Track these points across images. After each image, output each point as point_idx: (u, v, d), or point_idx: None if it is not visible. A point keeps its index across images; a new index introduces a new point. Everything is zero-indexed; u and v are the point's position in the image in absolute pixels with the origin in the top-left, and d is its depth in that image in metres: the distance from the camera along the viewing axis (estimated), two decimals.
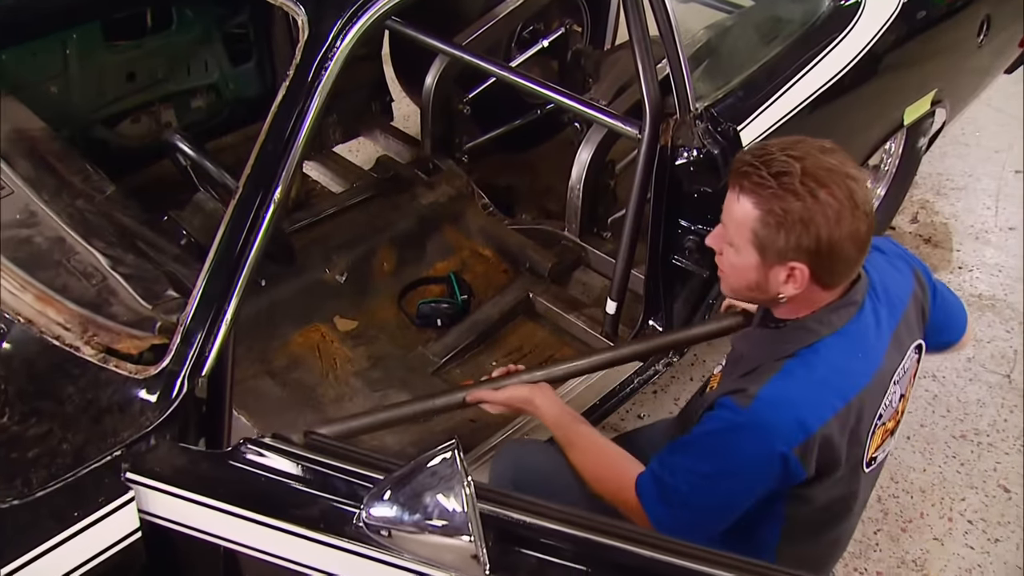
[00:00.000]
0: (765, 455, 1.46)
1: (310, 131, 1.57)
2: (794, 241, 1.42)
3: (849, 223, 1.40)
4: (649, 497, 1.55)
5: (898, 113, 2.68)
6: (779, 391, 1.48)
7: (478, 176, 3.14)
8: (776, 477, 1.48)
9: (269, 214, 1.54)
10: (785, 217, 1.41)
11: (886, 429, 1.64)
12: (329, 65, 1.59)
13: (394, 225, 2.82)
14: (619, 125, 2.30)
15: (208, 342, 1.49)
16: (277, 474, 1.37)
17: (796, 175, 1.40)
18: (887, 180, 3.10)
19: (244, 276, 1.53)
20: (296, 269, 2.63)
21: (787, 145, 1.47)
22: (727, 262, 1.57)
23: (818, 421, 1.46)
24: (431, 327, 2.66)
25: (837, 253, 1.43)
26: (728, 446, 1.50)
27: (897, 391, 1.63)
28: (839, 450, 1.51)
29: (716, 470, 1.50)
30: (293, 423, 2.30)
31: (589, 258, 2.84)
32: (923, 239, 3.46)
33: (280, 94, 1.57)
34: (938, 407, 2.82)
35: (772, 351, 1.56)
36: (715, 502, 1.53)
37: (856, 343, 1.54)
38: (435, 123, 3.11)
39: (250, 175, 1.54)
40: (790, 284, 1.48)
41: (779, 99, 2.25)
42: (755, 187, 1.43)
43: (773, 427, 1.45)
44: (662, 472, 1.55)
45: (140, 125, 2.91)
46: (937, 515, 2.52)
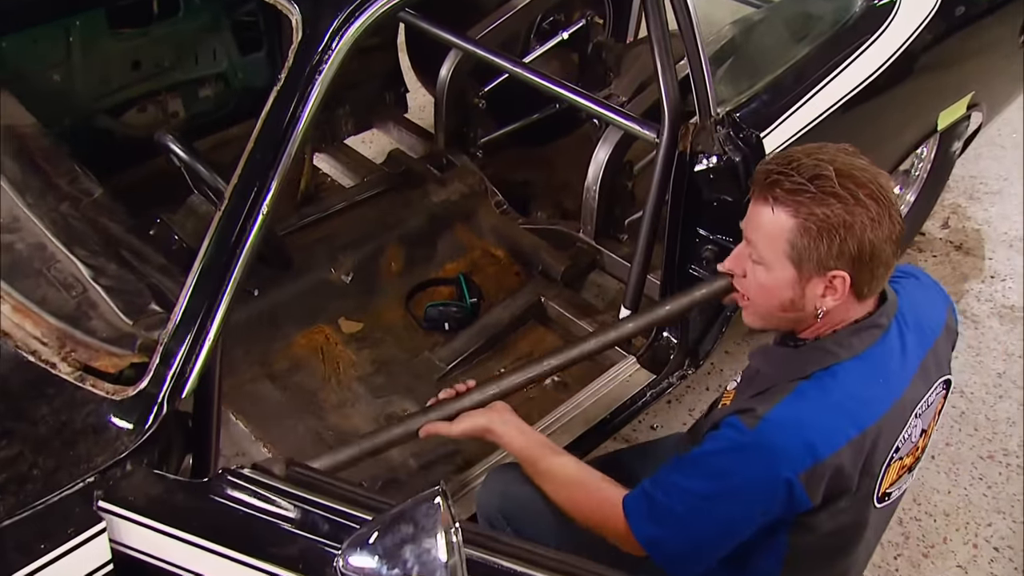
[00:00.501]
0: (769, 479, 1.38)
1: (301, 140, 1.48)
2: (836, 248, 1.35)
3: (888, 224, 1.35)
4: (637, 516, 1.47)
5: (932, 117, 2.56)
6: (789, 413, 1.40)
7: (493, 171, 3.06)
8: (779, 503, 1.40)
9: (256, 226, 1.46)
10: (827, 222, 1.33)
11: (903, 464, 1.54)
12: (324, 69, 1.49)
13: (403, 223, 2.73)
14: (636, 128, 2.20)
15: (189, 362, 1.41)
16: (256, 509, 1.29)
17: (832, 177, 1.34)
18: (917, 186, 2.97)
19: (229, 292, 1.45)
20: (300, 268, 2.56)
21: (811, 150, 1.41)
22: (754, 284, 1.48)
23: (829, 448, 1.38)
24: (439, 331, 2.57)
25: (878, 257, 1.36)
26: (730, 467, 1.41)
27: (918, 425, 1.54)
28: (849, 480, 1.42)
29: (715, 491, 1.42)
30: (293, 429, 2.25)
31: (604, 261, 2.75)
32: (954, 246, 3.32)
33: (270, 100, 1.48)
34: (965, 425, 2.71)
35: (787, 371, 1.47)
36: (712, 526, 1.44)
37: (877, 369, 1.45)
38: (449, 117, 3.02)
39: (237, 186, 1.45)
40: (829, 296, 1.40)
41: (805, 104, 2.13)
42: (790, 193, 1.36)
43: (780, 450, 1.38)
44: (654, 491, 1.46)
45: (146, 115, 2.84)
46: (961, 540, 2.41)
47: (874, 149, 2.58)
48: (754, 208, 1.43)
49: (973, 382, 2.83)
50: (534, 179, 3.20)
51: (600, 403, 2.30)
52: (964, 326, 3.03)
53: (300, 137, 1.47)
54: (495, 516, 1.78)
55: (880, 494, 1.52)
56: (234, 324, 2.36)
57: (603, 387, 2.33)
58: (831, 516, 1.47)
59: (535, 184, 3.18)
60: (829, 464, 1.38)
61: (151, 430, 1.37)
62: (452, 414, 1.67)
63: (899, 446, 1.49)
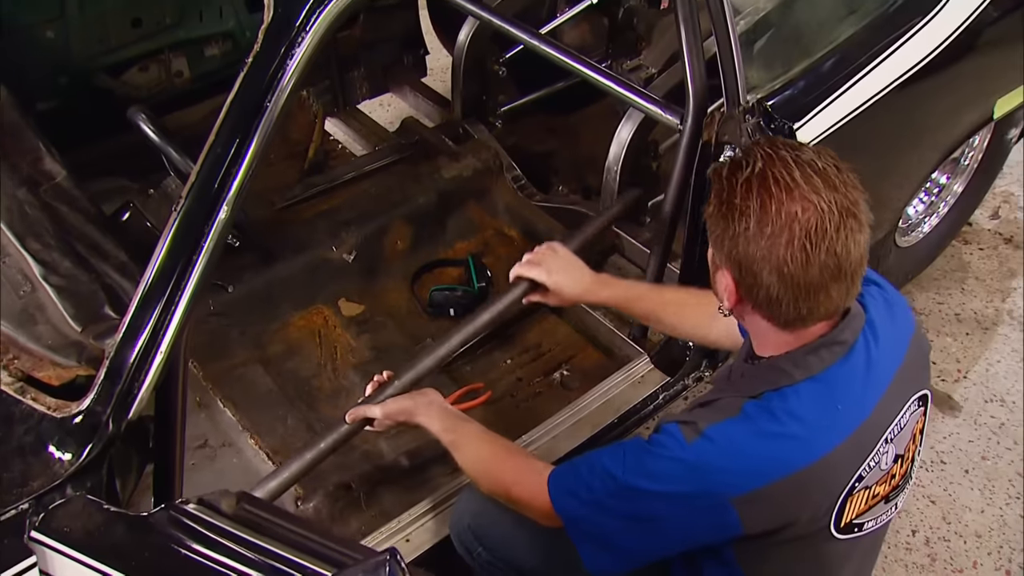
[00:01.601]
0: (698, 496, 1.30)
1: (267, 135, 1.33)
2: (718, 235, 1.26)
3: (785, 251, 1.20)
4: (558, 486, 1.43)
5: (988, 106, 2.34)
6: (730, 435, 1.29)
7: (514, 142, 2.90)
8: (708, 524, 1.31)
9: (215, 230, 1.32)
10: (718, 205, 1.25)
11: (873, 494, 1.38)
12: (296, 54, 1.34)
13: (411, 199, 2.58)
14: (659, 112, 2.02)
15: (137, 379, 1.28)
16: (197, 553, 1.17)
17: (753, 169, 1.23)
18: (966, 175, 2.75)
19: (187, 301, 1.32)
20: (301, 245, 2.44)
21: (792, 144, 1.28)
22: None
23: (767, 478, 1.27)
24: (443, 316, 2.43)
25: (760, 281, 1.23)
26: (660, 473, 1.32)
27: (890, 451, 1.37)
28: (794, 511, 1.31)
29: (638, 488, 1.33)
30: (282, 419, 2.14)
31: (624, 246, 2.58)
32: (1003, 238, 3.10)
33: (234, 88, 1.33)
34: (1003, 437, 2.52)
35: (739, 387, 1.36)
36: (628, 520, 1.37)
37: (836, 392, 1.30)
38: (467, 85, 2.86)
39: (195, 184, 1.31)
40: (725, 293, 1.31)
41: (847, 92, 1.93)
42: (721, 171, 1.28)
43: (714, 472, 1.28)
44: (580, 464, 1.43)
45: (148, 74, 2.72)
46: (993, 566, 2.25)
47: (919, 142, 2.40)
48: None
49: (1015, 390, 2.64)
50: (557, 151, 3.03)
51: (609, 405, 2.15)
52: (1010, 328, 2.83)
53: (264, 134, 1.31)
54: (466, 535, 1.72)
55: (844, 525, 1.37)
56: (229, 302, 2.31)
57: (613, 388, 2.18)
58: (779, 547, 1.36)
59: (558, 156, 3.01)
60: (767, 493, 1.27)
61: (93, 453, 1.25)
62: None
63: (863, 475, 1.34)
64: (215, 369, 2.21)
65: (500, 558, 1.68)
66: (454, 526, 1.74)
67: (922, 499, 2.38)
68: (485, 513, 1.68)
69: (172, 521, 1.20)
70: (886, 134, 2.16)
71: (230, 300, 2.30)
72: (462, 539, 1.72)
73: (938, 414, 2.59)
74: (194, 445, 2.06)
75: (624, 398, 2.17)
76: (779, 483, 1.27)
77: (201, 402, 2.15)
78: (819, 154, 1.24)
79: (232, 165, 1.31)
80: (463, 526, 1.71)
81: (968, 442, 2.51)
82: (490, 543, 1.68)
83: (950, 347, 2.78)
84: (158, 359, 1.30)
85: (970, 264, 3.03)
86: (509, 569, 1.69)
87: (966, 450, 2.49)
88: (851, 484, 1.33)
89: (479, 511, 1.69)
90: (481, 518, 1.68)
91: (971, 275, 3.00)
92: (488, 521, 1.67)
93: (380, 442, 2.08)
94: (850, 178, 1.24)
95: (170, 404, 1.40)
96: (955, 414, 2.58)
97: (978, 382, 2.68)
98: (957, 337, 2.81)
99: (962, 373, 2.70)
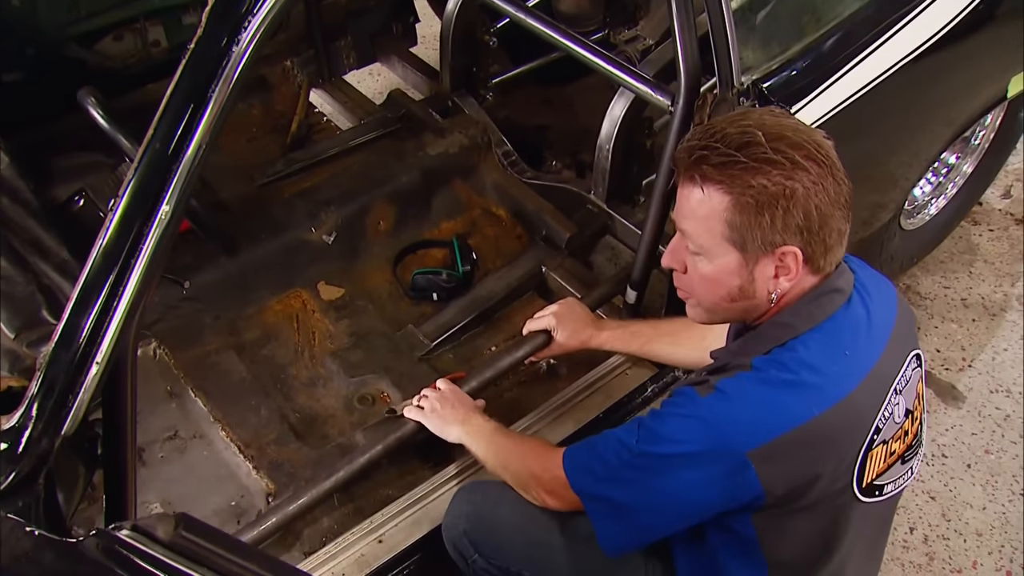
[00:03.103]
0: (714, 453, 1.27)
1: (214, 123, 1.23)
2: (780, 220, 1.22)
3: (833, 186, 1.23)
4: (573, 463, 1.44)
5: (1001, 84, 2.21)
6: (742, 388, 1.29)
7: (506, 114, 2.78)
8: (726, 485, 1.28)
9: (157, 225, 1.22)
10: (765, 193, 1.21)
11: (890, 451, 1.37)
12: (242, 39, 1.23)
13: (395, 178, 2.48)
14: (648, 92, 1.92)
15: (72, 391, 1.20)
16: None
17: (763, 143, 1.22)
18: (977, 155, 2.64)
19: (128, 302, 1.23)
20: (279, 225, 2.35)
21: (734, 118, 1.29)
22: (695, 278, 1.35)
23: (784, 426, 1.25)
24: (426, 300, 2.34)
25: (828, 224, 1.24)
26: (676, 433, 1.31)
27: (901, 403, 1.36)
28: (816, 465, 1.28)
29: (656, 453, 1.32)
30: (255, 410, 2.06)
31: (616, 227, 2.48)
32: (1014, 219, 2.98)
33: (175, 78, 1.22)
34: (1008, 431, 2.43)
35: (745, 351, 1.35)
36: (646, 487, 1.34)
37: (842, 338, 1.31)
38: (456, 55, 2.74)
39: (136, 175, 1.21)
40: (782, 277, 1.28)
41: (848, 73, 1.82)
42: (719, 168, 1.23)
43: (731, 423, 1.27)
44: (595, 441, 1.43)
45: (123, 44, 2.59)
46: (993, 566, 2.17)
47: (928, 122, 2.29)
48: (682, 192, 1.30)
49: (1021, 380, 2.54)
50: (551, 124, 2.92)
51: (595, 398, 2.06)
52: (1018, 314, 2.74)
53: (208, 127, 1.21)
54: (460, 540, 1.66)
55: (866, 485, 1.35)
56: (204, 286, 2.23)
57: (600, 379, 2.09)
58: (801, 516, 1.33)
59: (552, 130, 2.90)
60: (785, 444, 1.25)
61: (22, 474, 1.17)
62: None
63: (880, 426, 1.33)
64: (187, 356, 2.12)
65: (496, 566, 1.64)
66: (448, 531, 1.68)
67: (921, 495, 2.29)
68: (482, 519, 1.63)
69: (103, 549, 1.12)
70: (893, 114, 2.06)
71: (204, 283, 2.21)
72: (457, 545, 1.67)
73: (941, 405, 2.49)
74: (163, 436, 2.00)
75: (612, 389, 2.08)
76: (794, 433, 1.25)
77: (172, 391, 2.07)
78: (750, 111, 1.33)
79: (173, 160, 1.21)
80: (458, 532, 1.65)
81: (971, 435, 2.42)
82: (487, 550, 1.63)
83: (955, 334, 2.68)
84: (94, 370, 1.21)
85: (979, 246, 2.91)
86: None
87: (969, 443, 2.40)
88: (869, 436, 1.31)
89: (476, 517, 1.64)
90: (478, 524, 1.63)
91: (979, 258, 2.89)
92: (485, 528, 1.63)
93: (356, 435, 2.00)
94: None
95: (118, 409, 1.32)
96: (958, 405, 2.49)
97: (983, 371, 2.58)
98: (963, 324, 2.71)
99: (967, 362, 2.61)
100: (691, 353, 1.85)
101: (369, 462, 1.87)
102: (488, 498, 1.66)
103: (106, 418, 1.32)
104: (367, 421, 2.04)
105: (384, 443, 1.87)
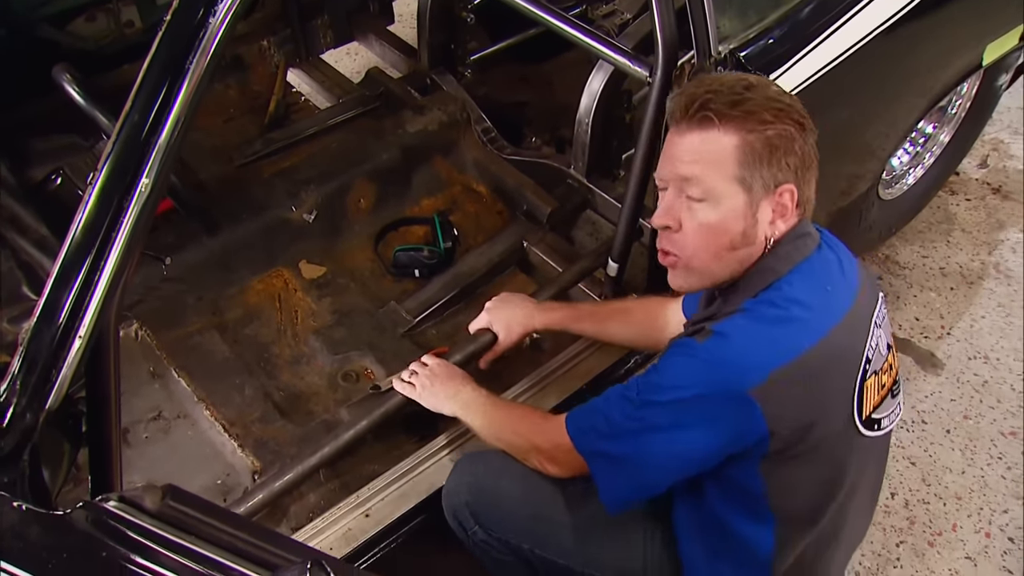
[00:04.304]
0: (717, 394, 1.29)
1: (193, 95, 1.22)
2: (783, 159, 1.30)
3: (812, 130, 1.33)
4: (576, 427, 1.45)
5: (977, 52, 2.23)
6: (738, 327, 1.32)
7: (485, 91, 2.78)
8: (731, 425, 1.30)
9: (137, 199, 1.21)
10: (773, 130, 1.29)
11: (880, 383, 1.42)
12: (219, 9, 1.22)
13: (374, 156, 2.47)
14: (627, 64, 1.91)
15: (55, 365, 1.19)
16: (118, 555, 1.09)
17: (760, 86, 1.32)
18: (954, 124, 2.65)
19: (110, 276, 1.22)
20: (259, 205, 2.34)
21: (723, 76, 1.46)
22: (692, 231, 1.36)
23: (779, 360, 1.28)
24: (408, 277, 2.34)
25: (811, 168, 1.34)
26: (678, 380, 1.33)
27: (882, 336, 1.43)
28: (814, 398, 1.32)
29: (661, 400, 1.34)
30: (239, 389, 2.06)
31: (596, 201, 2.48)
32: (991, 188, 3.01)
33: (152, 50, 1.21)
34: (987, 396, 2.46)
35: (732, 300, 1.39)
36: (651, 438, 1.36)
37: (821, 276, 1.37)
38: (434, 32, 2.73)
39: (114, 148, 1.20)
40: (779, 219, 1.35)
41: (825, 41, 1.83)
42: (731, 106, 1.29)
43: (732, 362, 1.29)
44: (596, 401, 1.45)
45: (96, 24, 2.57)
46: (972, 528, 2.20)
47: (904, 91, 2.30)
48: (684, 140, 1.35)
49: (1000, 346, 2.57)
50: (530, 100, 2.92)
51: (578, 370, 2.07)
52: (995, 282, 2.76)
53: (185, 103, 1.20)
54: (461, 511, 1.66)
55: (866, 418, 1.40)
56: (185, 267, 2.22)
57: (584, 351, 2.10)
58: (808, 457, 1.35)
59: (531, 106, 2.90)
60: (785, 378, 1.27)
61: (7, 448, 1.16)
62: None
63: (869, 357, 1.38)
64: (169, 337, 2.12)
65: (496, 538, 1.64)
66: (449, 499, 1.68)
67: (902, 460, 2.32)
68: (485, 491, 1.63)
69: (92, 520, 1.12)
70: (869, 83, 2.07)
71: (185, 264, 2.21)
72: (457, 515, 1.67)
73: (920, 372, 2.52)
74: (148, 417, 1.99)
75: (594, 361, 2.09)
76: (792, 365, 1.27)
77: (155, 372, 2.07)
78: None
79: (152, 134, 1.20)
80: (459, 503, 1.65)
81: (950, 401, 2.45)
82: (487, 522, 1.63)
83: (934, 302, 2.70)
84: (76, 344, 1.20)
85: (956, 215, 2.94)
86: (506, 549, 1.64)
87: (948, 409, 2.43)
88: (862, 367, 1.36)
89: (478, 489, 1.64)
90: (481, 495, 1.63)
91: (957, 227, 2.92)
92: (488, 500, 1.63)
93: (341, 411, 2.00)
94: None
95: (101, 386, 1.32)
96: (937, 372, 2.52)
97: (962, 339, 2.61)
98: (941, 292, 2.74)
99: (945, 329, 2.64)
100: (646, 333, 1.88)
101: (355, 437, 1.87)
102: (491, 470, 1.65)
103: (90, 395, 1.32)
104: (351, 398, 2.03)
105: (369, 418, 1.88)
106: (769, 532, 1.43)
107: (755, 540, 1.44)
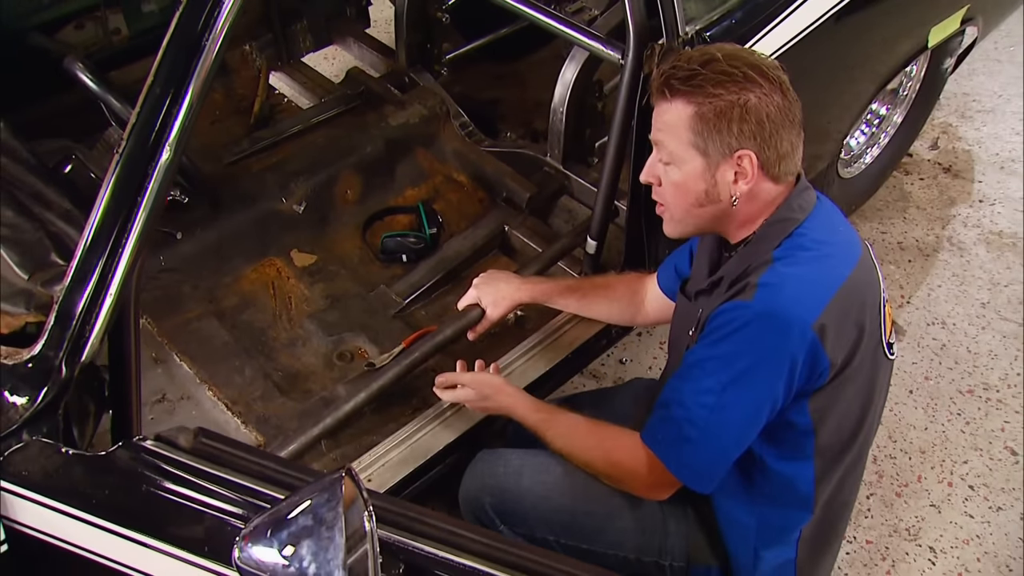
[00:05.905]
0: (785, 339, 1.36)
1: (207, 74, 1.32)
2: (736, 127, 1.38)
3: (783, 100, 1.39)
4: (663, 443, 1.46)
5: (923, 34, 2.38)
6: (779, 274, 1.40)
7: (460, 90, 2.89)
8: (800, 363, 1.36)
9: (159, 171, 1.31)
10: (722, 100, 1.37)
11: (890, 313, 1.55)
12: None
13: (359, 149, 2.57)
14: (600, 48, 2.04)
15: (88, 323, 1.29)
16: (158, 486, 1.19)
17: (720, 59, 1.39)
18: (905, 106, 2.81)
19: (134, 243, 1.31)
20: (251, 198, 2.43)
21: (698, 48, 1.50)
22: (668, 187, 1.50)
23: (829, 291, 1.38)
24: (396, 262, 2.45)
25: (778, 131, 1.40)
26: (743, 343, 1.38)
27: (881, 273, 1.54)
28: (857, 325, 1.42)
29: (733, 376, 1.39)
30: (239, 370, 2.14)
31: (572, 187, 2.61)
32: (942, 168, 3.18)
33: (170, 29, 1.32)
34: (945, 358, 2.61)
35: (756, 252, 1.46)
36: (737, 417, 1.41)
37: (832, 218, 1.50)
38: (410, 32, 2.84)
39: (136, 126, 1.31)
40: (740, 181, 1.42)
41: (784, 21, 1.96)
42: (684, 82, 1.39)
43: (787, 307, 1.37)
44: (669, 412, 1.46)
45: (85, 32, 2.64)
46: (936, 479, 2.34)
47: (858, 70, 2.44)
48: (656, 111, 1.47)
49: (956, 312, 2.73)
50: (504, 98, 3.04)
51: (563, 340, 2.18)
52: (949, 254, 2.92)
53: (206, 70, 1.31)
54: (485, 513, 1.69)
55: (886, 342, 1.52)
56: (181, 258, 2.30)
57: (566, 324, 2.21)
58: (851, 382, 1.44)
59: (505, 103, 3.02)
60: (836, 308, 1.37)
61: (48, 397, 1.25)
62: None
63: (883, 286, 1.51)
64: (169, 324, 2.20)
65: (521, 534, 1.66)
66: (469, 504, 1.71)
67: None
68: (508, 492, 1.67)
69: (131, 458, 1.22)
70: (824, 64, 2.20)
71: (181, 255, 2.29)
72: (480, 517, 1.70)
73: None
74: (152, 400, 2.06)
75: (578, 332, 2.20)
76: (838, 295, 1.38)
77: (157, 357, 2.14)
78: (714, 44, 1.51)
79: (172, 105, 1.31)
80: (480, 507, 1.68)
81: (912, 363, 2.59)
82: (512, 520, 1.67)
83: (894, 274, 2.85)
84: (107, 302, 1.29)
85: (911, 194, 3.10)
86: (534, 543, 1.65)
87: (910, 371, 2.57)
88: (882, 293, 1.49)
89: (500, 490, 1.68)
90: (504, 496, 1.67)
91: (912, 204, 3.08)
92: (511, 499, 1.66)
93: (338, 388, 2.09)
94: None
95: (123, 349, 1.40)
96: (899, 337, 2.66)
97: (920, 307, 2.76)
98: (900, 264, 2.89)
99: (905, 298, 2.78)
100: (626, 306, 1.97)
101: (354, 409, 1.96)
102: (511, 470, 1.69)
103: (112, 357, 1.41)
104: (347, 376, 2.12)
105: (367, 391, 1.98)
106: (810, 467, 1.51)
107: (798, 476, 1.52)
